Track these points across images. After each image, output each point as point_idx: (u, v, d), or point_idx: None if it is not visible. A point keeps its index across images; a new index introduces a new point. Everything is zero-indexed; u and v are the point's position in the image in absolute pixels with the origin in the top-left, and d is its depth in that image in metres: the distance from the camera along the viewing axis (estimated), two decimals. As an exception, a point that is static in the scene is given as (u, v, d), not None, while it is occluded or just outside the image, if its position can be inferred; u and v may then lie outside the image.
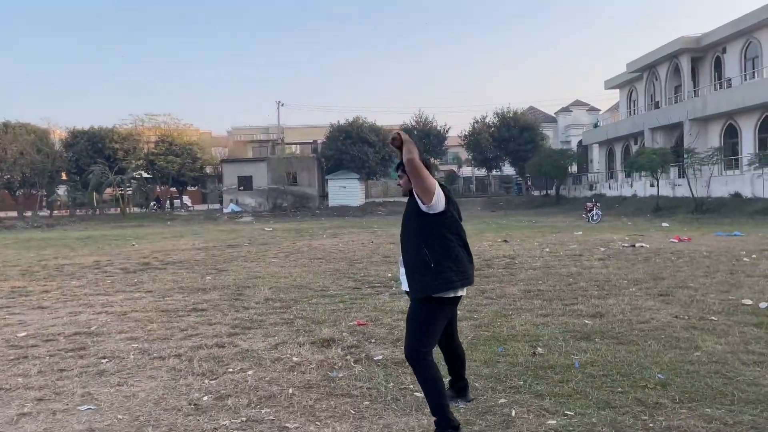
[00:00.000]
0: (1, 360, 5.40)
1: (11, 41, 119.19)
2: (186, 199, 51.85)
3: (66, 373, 4.94)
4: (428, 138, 47.15)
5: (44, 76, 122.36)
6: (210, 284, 9.82)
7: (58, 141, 45.96)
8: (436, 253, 3.44)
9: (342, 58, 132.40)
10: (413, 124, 48.30)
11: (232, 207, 43.08)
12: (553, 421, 3.63)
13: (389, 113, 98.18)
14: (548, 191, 45.71)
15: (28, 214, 40.18)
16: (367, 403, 4.06)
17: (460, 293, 3.56)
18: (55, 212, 42.36)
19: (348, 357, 5.15)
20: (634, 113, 40.60)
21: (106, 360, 5.30)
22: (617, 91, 45.29)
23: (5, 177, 41.67)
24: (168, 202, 49.48)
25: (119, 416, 3.93)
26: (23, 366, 5.16)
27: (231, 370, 4.88)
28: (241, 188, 44.66)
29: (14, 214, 40.49)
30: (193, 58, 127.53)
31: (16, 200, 43.38)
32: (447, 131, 49.31)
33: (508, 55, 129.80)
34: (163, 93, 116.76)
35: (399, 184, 3.75)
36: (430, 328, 3.48)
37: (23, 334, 6.44)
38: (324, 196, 45.34)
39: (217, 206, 47.43)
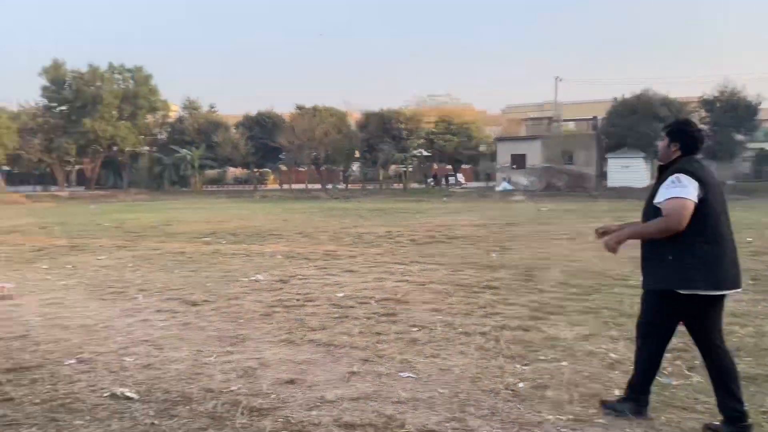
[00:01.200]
0: (328, 317, 5.99)
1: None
2: (460, 177, 53.71)
3: (383, 336, 5.23)
4: (735, 112, 40.51)
5: (342, 62, 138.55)
6: (497, 262, 9.74)
7: (354, 122, 51.47)
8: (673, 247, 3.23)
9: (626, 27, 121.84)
10: (716, 95, 41.96)
11: (504, 185, 43.18)
12: None
13: (685, 84, 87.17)
14: None
15: (329, 186, 46.11)
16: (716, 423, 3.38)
17: (701, 293, 3.21)
18: (350, 186, 47.81)
19: (678, 362, 4.45)
20: None
21: (417, 329, 5.49)
22: None
23: (312, 154, 48.33)
24: (444, 179, 51.83)
25: (440, 390, 3.94)
26: (346, 325, 5.64)
27: (542, 357, 4.60)
28: (514, 166, 44.39)
29: (318, 186, 46.83)
30: (476, 35, 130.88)
31: (321, 174, 50.10)
32: (759, 104, 41.70)
33: None
34: (445, 73, 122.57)
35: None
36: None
37: (341, 294, 7.11)
38: (602, 175, 42.45)
39: (488, 184, 48.08)
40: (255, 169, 56.13)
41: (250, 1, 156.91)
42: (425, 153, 48.66)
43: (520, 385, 4.01)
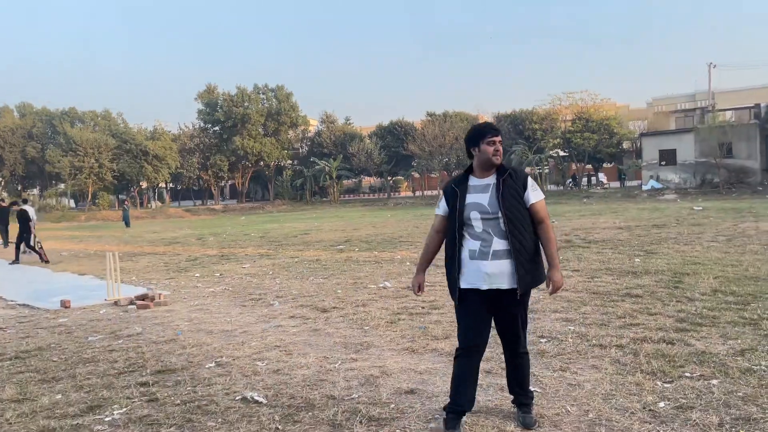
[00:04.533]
0: (452, 326, 5.86)
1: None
2: (601, 176, 50.81)
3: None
4: None
5: (472, 69, 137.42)
6: (640, 267, 8.99)
7: (485, 126, 50.74)
8: None
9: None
10: None
11: (652, 183, 40.14)
12: None
13: None
14: None
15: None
16: None
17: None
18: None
19: None
20: None
21: (545, 340, 5.20)
22: None
23: (444, 160, 48.40)
24: (584, 179, 49.36)
25: (567, 407, 3.68)
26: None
27: (688, 374, 4.12)
28: (663, 163, 41.11)
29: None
30: (613, 21, 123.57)
31: (452, 180, 49.99)
32: None
33: None
34: (582, 70, 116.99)
35: None
36: None
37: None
38: (768, 169, 37.93)
39: (634, 183, 44.93)
40: (388, 177, 57.41)
41: (381, 13, 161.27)
42: (562, 153, 46.70)
43: (661, 404, 3.61)
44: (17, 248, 14.77)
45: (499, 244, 3.25)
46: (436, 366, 4.62)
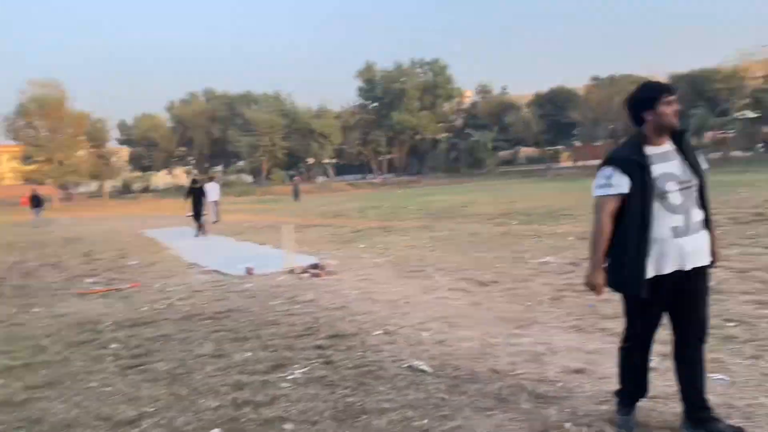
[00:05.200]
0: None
1: None
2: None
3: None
4: None
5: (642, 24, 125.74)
6: None
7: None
8: None
9: None
10: None
11: None
12: None
13: None
14: None
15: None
16: None
17: None
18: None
19: None
20: None
21: (733, 324, 4.72)
22: None
23: (609, 127, 45.32)
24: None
25: (762, 398, 3.33)
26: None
27: None
28: None
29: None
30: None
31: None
32: None
33: None
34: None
35: None
36: None
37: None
38: None
39: None
40: (547, 148, 55.21)
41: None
42: (751, 115, 41.35)
43: None
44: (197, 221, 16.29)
45: (697, 215, 2.92)
46: (605, 346, 4.42)
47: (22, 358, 5.07)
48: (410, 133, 59.31)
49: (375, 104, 61.69)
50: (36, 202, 24.74)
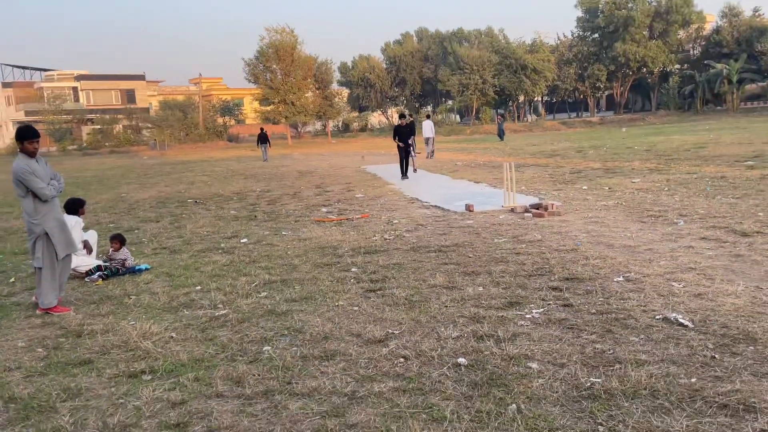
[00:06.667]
0: None
1: None
2: None
3: None
4: None
5: None
6: None
7: None
8: None
9: None
10: None
11: None
12: None
13: None
14: None
15: None
16: None
17: None
18: None
19: None
20: None
21: None
22: None
23: None
24: None
25: None
26: None
27: None
28: None
29: None
30: None
31: None
32: None
33: None
34: None
35: None
36: None
37: None
38: None
39: None
40: (813, 79, 46.04)
41: None
42: None
43: None
44: (408, 161, 15.88)
45: None
46: None
47: (279, 275, 5.69)
48: (635, 66, 53.63)
49: (595, 35, 56.73)
50: (263, 139, 27.68)
